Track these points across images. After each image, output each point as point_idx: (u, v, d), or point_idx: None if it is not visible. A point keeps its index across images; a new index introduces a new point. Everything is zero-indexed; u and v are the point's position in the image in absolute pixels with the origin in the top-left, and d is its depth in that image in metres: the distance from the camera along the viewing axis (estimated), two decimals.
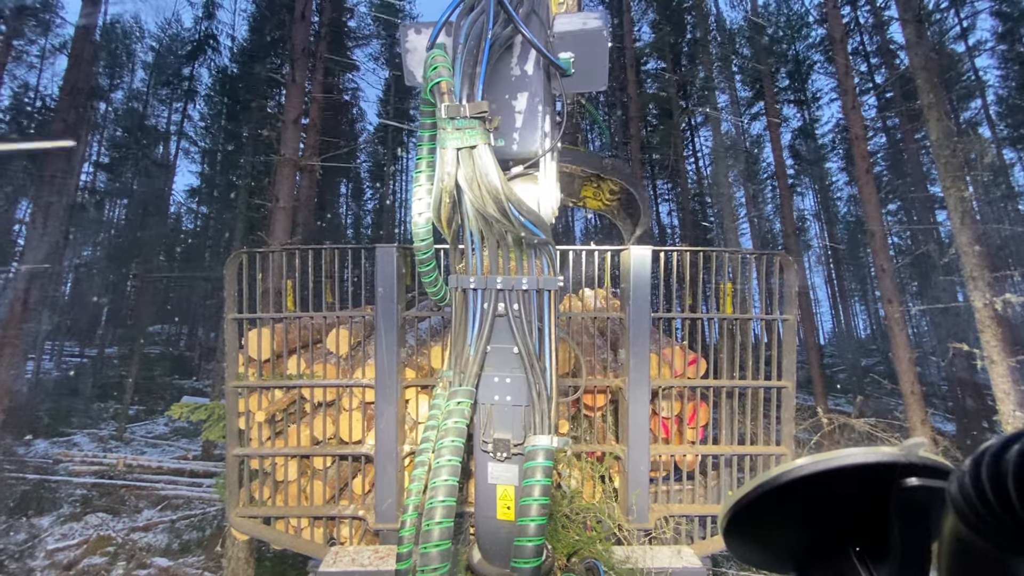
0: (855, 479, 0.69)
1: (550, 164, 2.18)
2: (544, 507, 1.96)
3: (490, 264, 2.13)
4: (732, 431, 4.26)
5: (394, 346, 3.59)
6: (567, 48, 2.16)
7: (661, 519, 3.92)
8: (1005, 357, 5.03)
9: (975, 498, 0.47)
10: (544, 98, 2.11)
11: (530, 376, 2.10)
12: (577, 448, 3.89)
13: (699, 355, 4.41)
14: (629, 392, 3.93)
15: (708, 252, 4.28)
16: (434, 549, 1.90)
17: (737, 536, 0.81)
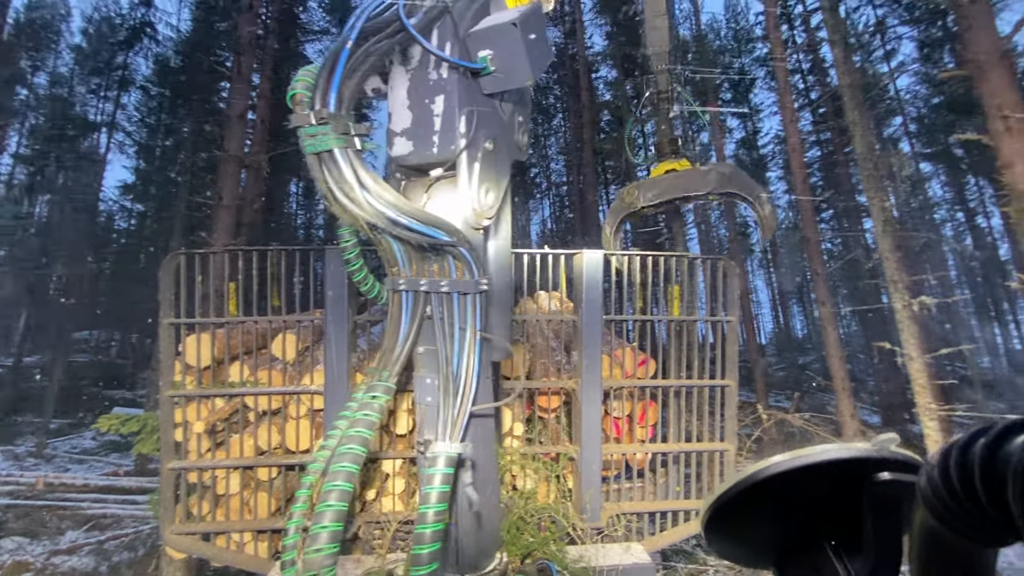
0: (830, 475, 0.71)
1: (472, 165, 2.19)
2: (440, 514, 1.97)
3: (417, 266, 2.15)
4: (680, 429, 4.41)
5: (344, 351, 3.49)
6: (488, 46, 2.18)
7: (613, 517, 4.01)
8: (921, 354, 5.50)
9: (943, 491, 0.47)
10: (462, 99, 2.16)
11: (440, 380, 2.12)
12: (531, 450, 3.91)
13: (649, 356, 4.55)
14: (582, 393, 3.99)
15: (656, 256, 4.43)
16: (318, 555, 1.84)
17: (717, 532, 0.82)
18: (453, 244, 2.04)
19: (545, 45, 2.25)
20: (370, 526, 3.58)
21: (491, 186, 2.20)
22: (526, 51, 2.11)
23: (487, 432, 2.51)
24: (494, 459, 2.64)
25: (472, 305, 2.11)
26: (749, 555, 0.86)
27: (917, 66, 17.94)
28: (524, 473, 3.97)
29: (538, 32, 2.19)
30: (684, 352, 4.34)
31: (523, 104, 2.70)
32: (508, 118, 2.55)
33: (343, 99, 1.92)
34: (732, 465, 4.34)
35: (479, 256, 2.14)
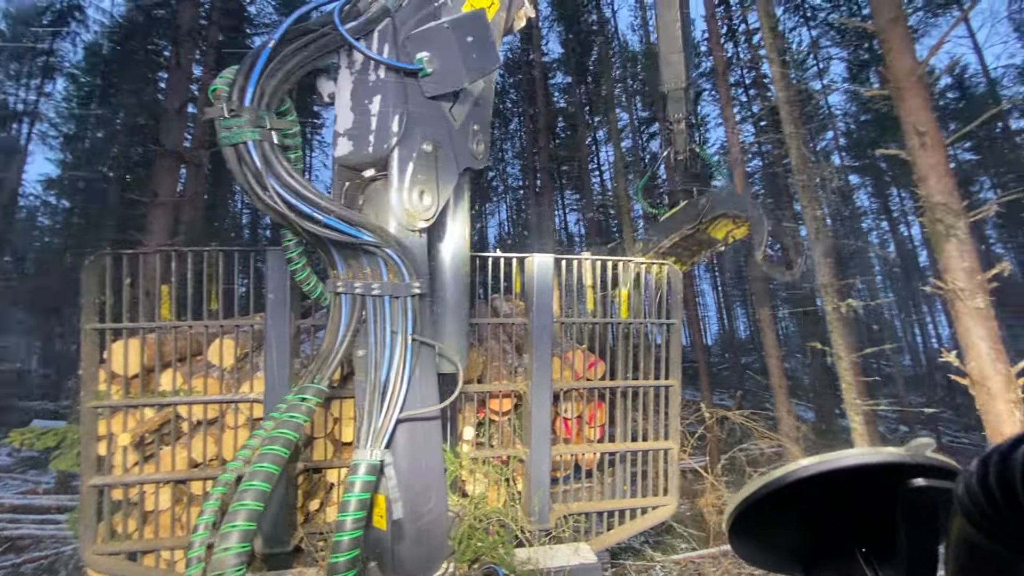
0: (861, 479, 0.68)
1: (405, 165, 2.20)
2: (358, 521, 1.97)
3: (353, 269, 2.13)
4: (627, 429, 4.53)
5: (286, 357, 3.36)
6: (424, 48, 2.20)
7: (562, 518, 4.06)
8: (848, 353, 5.91)
9: (983, 499, 0.45)
10: (398, 100, 2.18)
11: (367, 385, 2.11)
12: (481, 454, 3.90)
13: (598, 357, 4.65)
14: (532, 395, 4.03)
15: (605, 260, 4.53)
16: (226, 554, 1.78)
17: (742, 536, 0.80)
18: (377, 245, 2.02)
19: (486, 50, 2.27)
20: (313, 537, 3.46)
21: (427, 188, 2.20)
22: (460, 53, 2.13)
23: (432, 438, 2.49)
24: (440, 466, 2.62)
25: (403, 309, 2.10)
26: (775, 560, 0.83)
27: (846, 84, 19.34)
28: (474, 478, 3.95)
29: (477, 36, 2.22)
30: (630, 354, 4.46)
31: (480, 113, 2.72)
32: (460, 125, 2.56)
33: (263, 95, 1.91)
34: (675, 463, 4.49)
35: (411, 259, 2.12)
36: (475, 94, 2.67)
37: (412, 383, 2.18)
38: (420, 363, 2.25)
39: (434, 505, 2.46)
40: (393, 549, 2.28)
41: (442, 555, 2.66)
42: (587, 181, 21.32)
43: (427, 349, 2.26)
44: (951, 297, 3.17)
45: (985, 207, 3.49)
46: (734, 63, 17.11)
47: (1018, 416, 2.85)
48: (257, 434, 2.04)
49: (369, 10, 2.22)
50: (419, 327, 2.18)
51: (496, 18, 2.86)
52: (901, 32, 4.15)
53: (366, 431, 2.05)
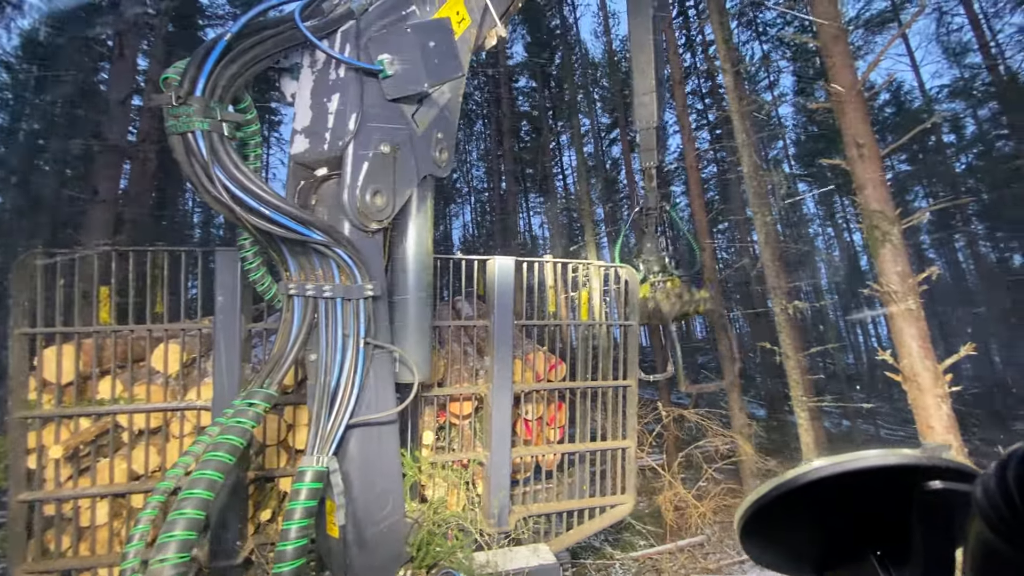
0: (875, 481, 0.67)
1: (359, 165, 2.19)
2: (304, 529, 1.93)
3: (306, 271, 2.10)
4: (587, 429, 4.60)
5: (236, 362, 3.23)
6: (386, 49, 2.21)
7: (522, 520, 4.08)
8: (795, 352, 6.21)
9: (1001, 502, 0.45)
10: (357, 99, 2.18)
11: (317, 389, 2.07)
12: (440, 458, 3.87)
13: (559, 359, 4.71)
14: (493, 398, 4.04)
15: (566, 263, 4.60)
16: (162, 565, 1.72)
17: (754, 537, 0.79)
18: (327, 245, 1.99)
19: (448, 57, 2.29)
20: (264, 549, 3.34)
21: (382, 189, 2.18)
22: (421, 58, 2.14)
23: (388, 444, 2.45)
24: (397, 471, 2.58)
25: (355, 311, 2.07)
26: (787, 562, 0.82)
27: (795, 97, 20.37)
28: (433, 483, 3.92)
29: (439, 43, 2.24)
30: (590, 355, 4.54)
31: (445, 122, 2.73)
32: (423, 131, 2.56)
33: (215, 87, 1.88)
34: (633, 461, 4.60)
35: (364, 260, 2.10)
36: (441, 103, 2.69)
37: (366, 388, 2.14)
38: (375, 367, 2.21)
39: (390, 511, 2.43)
40: (347, 556, 2.23)
41: (399, 562, 2.63)
42: (551, 184, 21.53)
43: (384, 353, 2.23)
44: (886, 299, 3.39)
45: (916, 215, 3.75)
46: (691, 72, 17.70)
47: (945, 409, 3.08)
48: (201, 440, 1.96)
49: (333, 11, 2.20)
50: (374, 330, 2.15)
51: (466, 34, 2.89)
52: (842, 49, 4.40)
53: (313, 437, 2.00)
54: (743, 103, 7.24)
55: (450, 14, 2.80)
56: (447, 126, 2.75)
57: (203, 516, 1.76)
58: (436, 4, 2.76)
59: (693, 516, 6.62)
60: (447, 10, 2.81)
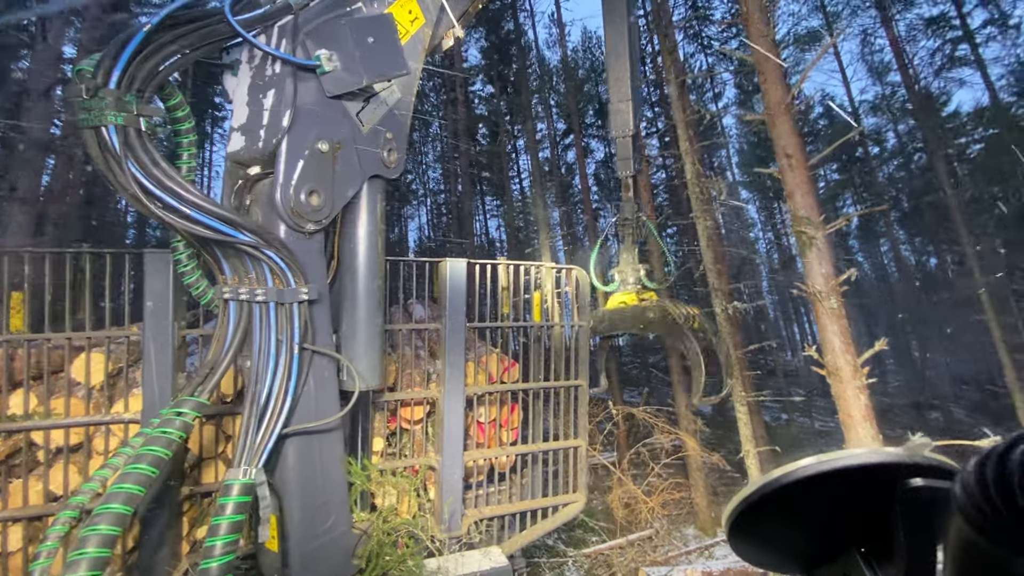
0: (860, 479, 0.68)
1: (293, 163, 2.14)
2: (230, 546, 1.86)
3: (240, 274, 2.02)
4: (540, 429, 4.65)
5: (168, 371, 3.05)
6: (323, 45, 2.17)
7: (474, 524, 4.06)
8: (735, 350, 6.53)
9: (980, 499, 0.45)
10: (292, 96, 2.12)
11: (246, 399, 2.00)
12: (390, 464, 3.81)
13: (514, 360, 4.73)
14: (445, 401, 4.01)
15: (517, 265, 4.64)
16: None
17: (742, 537, 0.79)
18: (255, 246, 1.92)
19: (390, 54, 2.26)
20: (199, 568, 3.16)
21: (319, 189, 2.12)
22: (359, 53, 2.10)
23: (331, 453, 2.38)
24: (341, 481, 2.50)
25: (289, 316, 1.99)
26: (774, 560, 0.83)
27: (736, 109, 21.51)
28: (383, 490, 3.84)
29: (380, 39, 2.19)
30: (542, 356, 4.60)
31: (395, 122, 2.67)
32: (370, 130, 2.51)
33: (133, 79, 1.78)
34: (584, 460, 4.69)
35: (298, 263, 2.03)
36: (390, 102, 2.64)
37: (305, 395, 2.07)
38: (315, 374, 2.14)
39: (334, 523, 2.36)
40: (286, 572, 2.15)
41: (346, 575, 2.56)
42: (508, 188, 21.67)
43: (324, 359, 2.17)
44: (812, 299, 3.64)
45: (839, 221, 4.05)
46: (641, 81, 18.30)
47: (863, 400, 3.34)
48: (122, 452, 1.84)
49: (271, 5, 2.12)
50: (312, 336, 2.08)
51: (420, 34, 2.85)
52: (774, 66, 4.67)
53: (241, 448, 1.92)
54: (686, 113, 7.56)
55: (402, 12, 2.76)
56: (398, 126, 2.70)
57: (118, 532, 1.65)
58: (385, 1, 2.72)
59: (643, 511, 6.82)
60: (398, 8, 2.76)
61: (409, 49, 2.73)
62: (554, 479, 4.62)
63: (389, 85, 2.65)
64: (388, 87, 2.64)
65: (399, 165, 2.73)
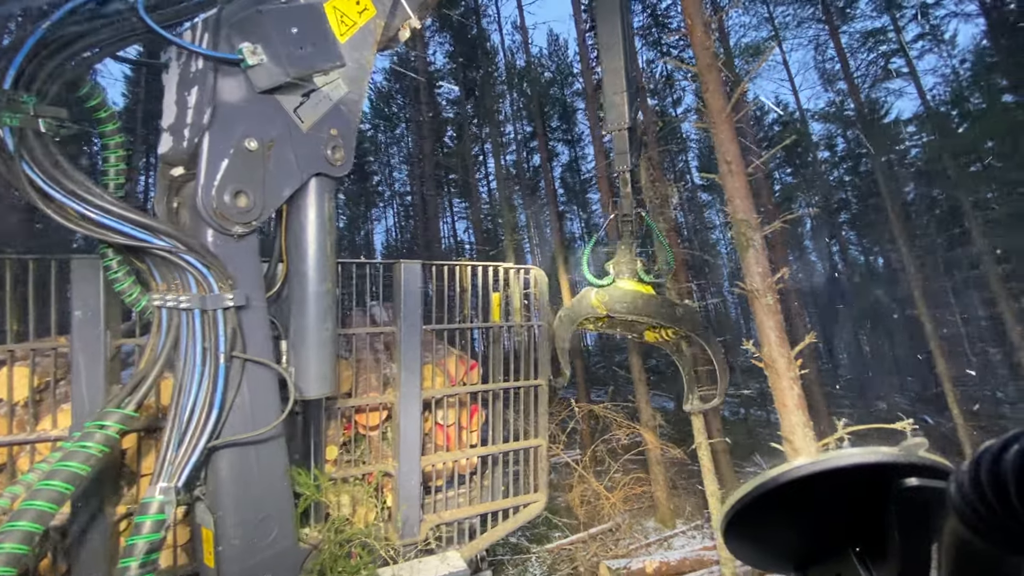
0: (855, 479, 0.68)
1: (216, 162, 2.06)
2: (147, 566, 1.77)
3: (168, 281, 1.94)
4: (502, 430, 4.65)
5: (100, 384, 2.88)
6: (245, 38, 2.09)
7: (435, 528, 4.02)
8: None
9: (975, 498, 0.45)
10: (214, 92, 2.04)
11: (170, 412, 1.92)
12: (342, 473, 3.72)
13: (475, 362, 4.71)
14: (400, 406, 3.95)
15: (475, 266, 4.62)
16: None
17: (738, 536, 0.79)
18: (171, 251, 1.83)
19: (318, 45, 2.18)
20: None
21: (247, 189, 2.03)
22: (281, 45, 2.02)
23: (271, 464, 2.28)
24: (283, 493, 2.40)
25: (212, 324, 1.91)
26: (769, 559, 0.82)
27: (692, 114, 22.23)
28: (338, 500, 3.75)
29: (305, 29, 2.12)
30: (501, 356, 4.60)
31: (341, 118, 2.57)
32: (311, 127, 2.42)
33: (33, 78, 1.68)
34: (544, 459, 4.71)
35: (222, 267, 1.94)
36: (335, 97, 2.55)
37: (239, 406, 1.99)
38: (249, 383, 2.06)
39: (277, 537, 2.27)
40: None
41: None
42: (474, 190, 21.63)
43: (261, 367, 2.09)
44: (750, 296, 3.79)
45: (774, 223, 4.24)
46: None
47: (796, 390, 3.52)
48: (38, 467, 1.73)
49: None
50: (242, 344, 2.01)
51: (371, 25, 2.75)
52: (715, 76, 4.84)
53: (161, 462, 1.83)
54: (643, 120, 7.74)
55: (348, 4, 2.64)
56: (344, 122, 2.60)
57: (26, 551, 1.54)
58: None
59: (605, 507, 6.93)
60: (344, 0, 2.67)
61: (358, 41, 2.65)
62: (515, 480, 4.63)
63: (334, 79, 2.56)
64: (332, 81, 2.55)
65: (346, 163, 2.63)
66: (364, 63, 2.68)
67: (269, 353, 2.23)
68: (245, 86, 2.09)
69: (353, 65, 2.61)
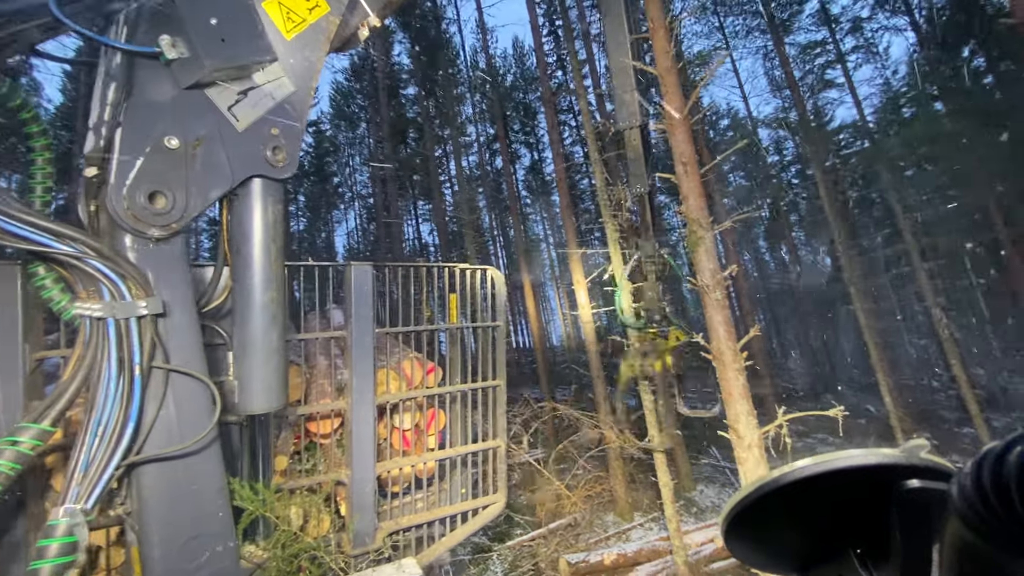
0: (856, 481, 0.68)
1: (131, 159, 1.98)
2: None
3: (86, 288, 1.84)
4: (461, 432, 4.63)
5: (17, 399, 2.66)
6: (163, 30, 2.03)
7: (390, 536, 3.96)
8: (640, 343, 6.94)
9: (977, 500, 0.45)
10: (124, 85, 1.96)
11: (81, 428, 1.82)
12: (289, 484, 3.61)
13: (432, 365, 4.67)
14: (353, 412, 3.87)
15: (430, 267, 4.59)
16: None
17: (739, 538, 0.79)
18: (77, 257, 1.73)
19: (246, 37, 2.10)
20: None
21: (165, 190, 1.94)
22: (197, 35, 1.94)
23: (203, 481, 2.17)
24: (218, 511, 2.28)
25: (126, 333, 1.81)
26: (770, 560, 0.82)
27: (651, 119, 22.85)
28: (289, 513, 3.63)
29: (228, 20, 2.04)
30: (458, 358, 4.59)
31: (285, 117, 2.47)
32: (249, 126, 2.32)
33: None
34: (502, 460, 4.72)
35: (136, 273, 1.84)
36: (278, 96, 2.47)
37: (164, 420, 1.89)
38: (175, 395, 1.97)
39: (213, 557, 2.16)
40: None
41: None
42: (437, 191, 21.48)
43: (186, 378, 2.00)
44: (701, 292, 3.96)
45: (724, 223, 4.42)
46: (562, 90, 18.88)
47: (741, 380, 3.72)
48: None
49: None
50: (164, 354, 1.91)
51: (323, 23, 2.66)
52: (673, 80, 4.98)
53: (68, 482, 1.73)
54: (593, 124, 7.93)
55: (297, 1, 2.54)
56: (288, 122, 2.48)
57: None
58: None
59: (566, 505, 7.02)
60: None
61: (307, 38, 2.58)
62: (474, 482, 4.62)
63: (278, 77, 2.48)
64: (276, 79, 2.47)
65: (289, 164, 2.53)
66: (314, 61, 2.60)
67: (200, 364, 2.13)
68: (168, 82, 2.00)
69: (300, 62, 2.53)
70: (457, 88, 19.83)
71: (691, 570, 5.91)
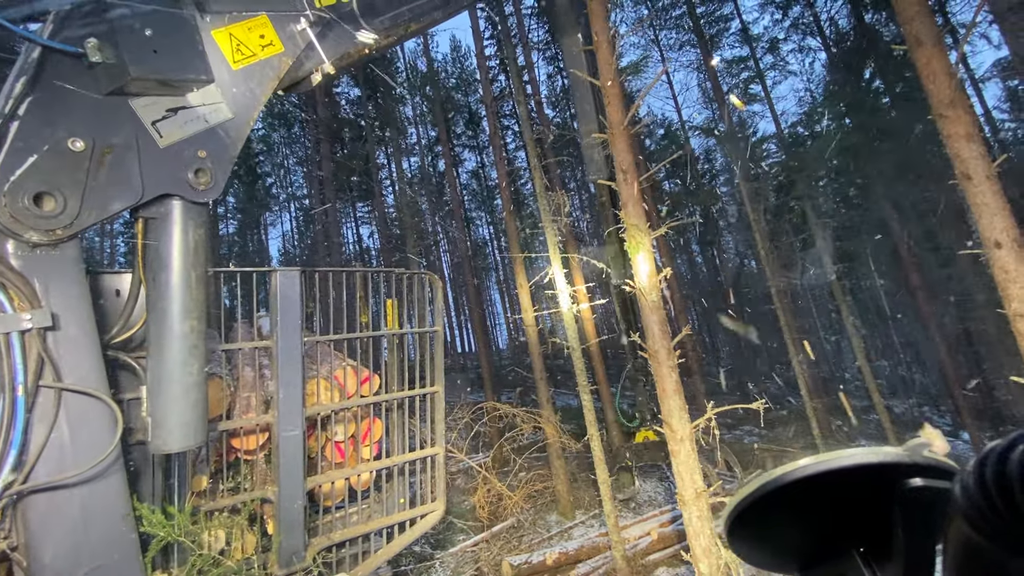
0: (859, 479, 0.68)
1: (20, 155, 1.83)
2: None
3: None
4: (399, 441, 4.52)
5: None
6: (89, 32, 1.93)
7: (320, 553, 3.80)
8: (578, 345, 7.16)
9: (980, 499, 0.45)
10: (31, 78, 1.85)
11: None
12: (217, 504, 3.39)
13: (367, 372, 4.53)
14: (279, 425, 3.69)
15: (366, 272, 4.47)
16: None
17: (741, 537, 0.78)
18: None
19: (181, 56, 2.05)
20: None
21: (56, 193, 1.78)
22: (125, 42, 1.85)
23: (102, 508, 1.97)
24: (122, 539, 2.07)
25: (6, 349, 1.63)
26: (773, 560, 0.82)
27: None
28: (209, 535, 3.39)
29: (162, 34, 1.99)
30: (396, 364, 4.49)
31: (216, 142, 2.36)
32: (171, 144, 2.18)
33: None
34: (441, 467, 4.66)
35: (20, 281, 1.67)
36: (212, 120, 2.32)
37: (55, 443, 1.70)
38: (69, 417, 1.78)
39: None
40: None
41: None
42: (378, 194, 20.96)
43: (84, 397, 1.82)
44: (638, 295, 4.16)
45: (660, 229, 4.65)
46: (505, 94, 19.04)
47: (674, 377, 3.97)
48: None
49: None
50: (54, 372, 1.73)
51: (274, 61, 2.66)
52: (616, 91, 5.14)
53: None
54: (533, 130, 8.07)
55: (249, 36, 2.55)
56: (219, 147, 2.37)
57: None
58: (225, 20, 2.44)
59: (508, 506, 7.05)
60: (243, 30, 2.53)
61: (253, 72, 2.57)
62: (412, 490, 4.53)
63: (216, 103, 2.38)
64: (213, 104, 2.37)
65: (213, 188, 2.37)
66: (259, 94, 2.60)
67: (99, 381, 1.94)
68: (90, 85, 1.91)
69: (244, 93, 2.52)
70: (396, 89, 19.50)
71: (628, 564, 6.11)
